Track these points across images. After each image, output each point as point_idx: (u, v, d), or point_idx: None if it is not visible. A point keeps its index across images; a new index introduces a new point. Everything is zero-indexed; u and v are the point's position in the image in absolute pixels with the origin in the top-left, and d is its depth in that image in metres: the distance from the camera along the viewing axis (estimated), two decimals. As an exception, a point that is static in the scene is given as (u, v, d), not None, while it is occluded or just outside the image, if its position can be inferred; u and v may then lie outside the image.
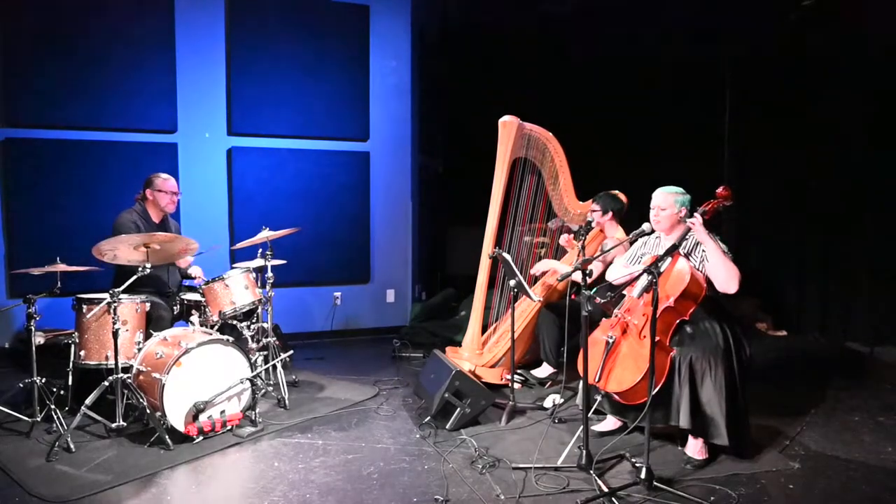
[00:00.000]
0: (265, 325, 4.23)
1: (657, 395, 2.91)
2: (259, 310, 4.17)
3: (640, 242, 3.46)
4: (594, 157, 5.79)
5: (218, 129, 5.53)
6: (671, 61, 6.15)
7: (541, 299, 4.34)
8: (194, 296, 4.08)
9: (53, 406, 3.40)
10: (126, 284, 3.39)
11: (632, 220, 3.77)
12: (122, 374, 3.35)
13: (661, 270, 2.92)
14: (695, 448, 3.12)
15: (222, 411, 3.47)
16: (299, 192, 5.72)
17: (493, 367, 4.37)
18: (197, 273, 4.40)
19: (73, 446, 3.21)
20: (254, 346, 4.05)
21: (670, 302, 3.01)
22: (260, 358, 4.04)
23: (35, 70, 4.94)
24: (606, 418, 3.48)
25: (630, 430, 3.14)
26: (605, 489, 2.77)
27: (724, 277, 3.03)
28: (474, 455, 3.19)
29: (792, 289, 5.96)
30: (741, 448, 3.11)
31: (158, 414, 3.31)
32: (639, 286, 3.11)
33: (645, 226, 3.28)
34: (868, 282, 5.43)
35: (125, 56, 5.16)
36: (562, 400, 3.91)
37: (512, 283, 3.87)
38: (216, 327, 3.93)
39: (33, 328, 3.47)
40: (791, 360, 5.15)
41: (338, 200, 5.87)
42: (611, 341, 3.13)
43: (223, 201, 5.57)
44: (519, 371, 4.41)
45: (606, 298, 3.00)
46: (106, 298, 3.41)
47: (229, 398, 3.51)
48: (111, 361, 3.48)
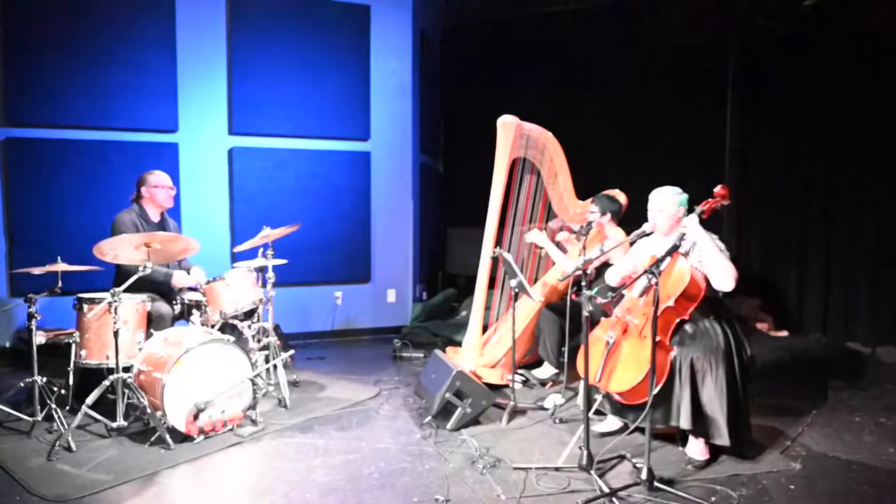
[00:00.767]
0: (266, 324, 4.23)
1: (658, 396, 2.91)
2: (260, 309, 4.17)
3: (640, 243, 3.45)
4: (594, 157, 5.79)
5: (219, 130, 5.53)
6: (671, 59, 6.15)
7: (542, 299, 4.34)
8: (195, 295, 4.07)
9: (54, 405, 3.39)
10: (127, 284, 3.40)
11: (632, 220, 3.76)
12: (122, 374, 3.35)
13: (661, 270, 2.91)
14: (696, 448, 3.11)
15: (223, 411, 3.46)
16: (300, 192, 5.72)
17: (493, 367, 4.37)
18: (199, 277, 4.18)
19: (73, 445, 3.20)
20: (254, 345, 4.04)
21: (670, 302, 3.01)
22: (261, 357, 4.03)
23: (36, 70, 4.94)
24: (607, 418, 3.47)
25: (631, 431, 3.14)
26: (606, 489, 2.77)
27: (721, 275, 3.03)
28: (475, 455, 3.19)
29: (793, 289, 5.95)
30: (742, 448, 3.11)
31: (159, 413, 3.31)
32: (639, 286, 3.11)
33: (646, 226, 3.28)
34: (869, 282, 5.43)
35: (126, 56, 5.15)
36: (563, 400, 3.91)
37: (513, 282, 3.86)
38: (217, 327, 3.93)
39: (34, 327, 3.47)
40: (792, 360, 5.14)
41: (338, 200, 5.87)
42: (610, 342, 3.13)
43: (224, 201, 5.57)
44: (520, 371, 4.41)
45: (607, 298, 3.01)
46: (107, 298, 3.40)
47: (230, 398, 3.50)
48: (112, 361, 3.48)
